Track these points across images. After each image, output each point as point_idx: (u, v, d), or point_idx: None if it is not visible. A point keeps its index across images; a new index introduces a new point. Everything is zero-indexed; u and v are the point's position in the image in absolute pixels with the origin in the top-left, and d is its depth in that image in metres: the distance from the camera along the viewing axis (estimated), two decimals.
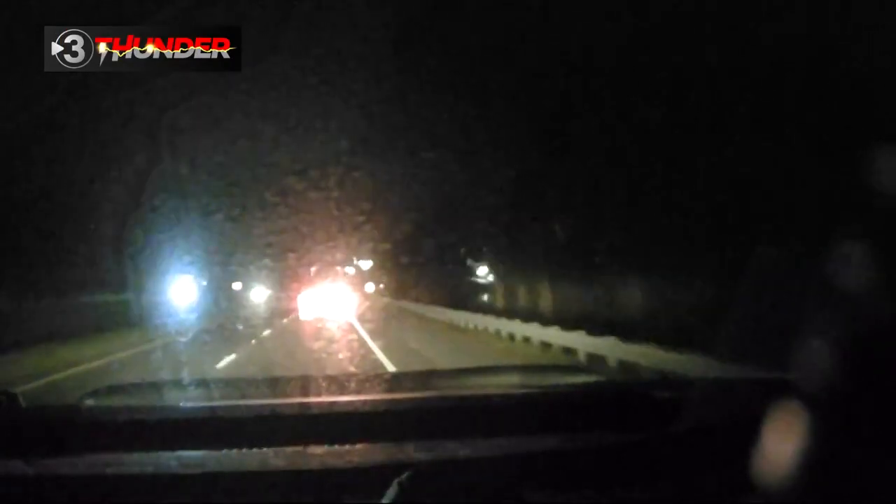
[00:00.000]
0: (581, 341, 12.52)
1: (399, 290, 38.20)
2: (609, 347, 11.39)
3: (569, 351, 13.04)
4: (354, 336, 17.83)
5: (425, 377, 4.09)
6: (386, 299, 38.71)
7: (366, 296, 38.20)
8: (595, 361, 11.65)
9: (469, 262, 26.55)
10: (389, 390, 2.93)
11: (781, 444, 1.72)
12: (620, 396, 2.28)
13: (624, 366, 10.75)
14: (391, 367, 11.85)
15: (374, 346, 15.10)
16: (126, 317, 19.75)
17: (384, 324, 21.78)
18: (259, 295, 45.20)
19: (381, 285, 42.62)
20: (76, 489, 1.83)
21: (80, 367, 13.42)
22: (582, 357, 12.30)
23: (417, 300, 32.10)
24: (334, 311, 24.32)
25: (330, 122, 14.98)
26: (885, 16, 7.62)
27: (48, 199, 17.30)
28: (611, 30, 11.53)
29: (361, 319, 22.88)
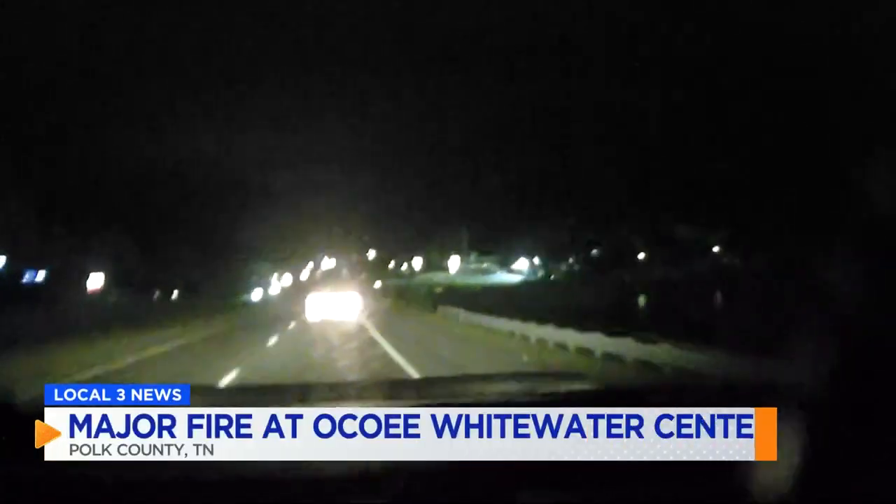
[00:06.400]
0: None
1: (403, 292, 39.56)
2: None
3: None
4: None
5: (425, 385, 4.08)
6: (389, 300, 39.24)
7: (373, 296, 38.23)
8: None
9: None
10: (389, 398, 2.93)
11: (778, 446, 1.73)
12: (617, 402, 2.28)
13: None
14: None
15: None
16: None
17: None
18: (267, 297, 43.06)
19: (383, 286, 43.31)
20: (79, 491, 1.85)
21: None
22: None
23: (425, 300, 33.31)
24: (342, 313, 24.30)
25: (333, 124, 15.08)
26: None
27: None
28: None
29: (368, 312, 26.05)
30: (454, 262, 55.79)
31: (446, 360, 12.97)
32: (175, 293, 34.53)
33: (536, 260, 45.07)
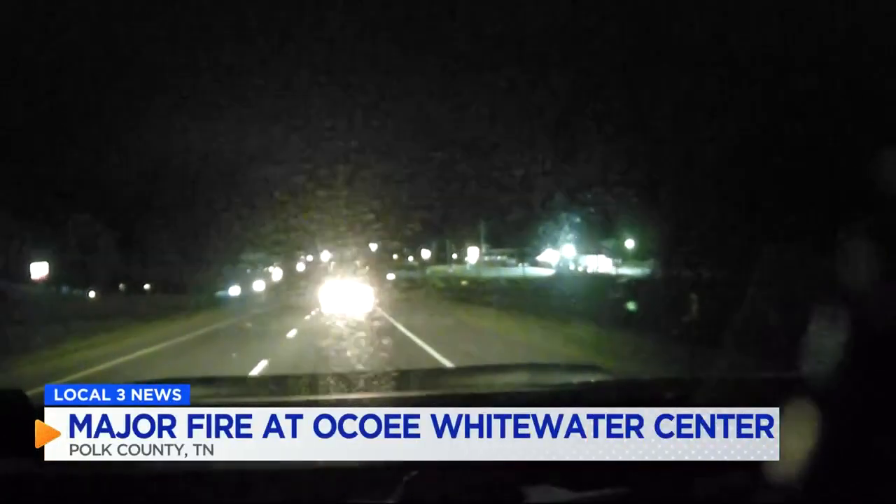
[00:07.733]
0: None
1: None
2: None
3: None
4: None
5: (433, 375, 4.08)
6: (400, 291, 39.68)
7: (384, 285, 38.41)
8: None
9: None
10: (397, 388, 2.94)
11: (790, 442, 1.71)
12: (629, 395, 2.27)
13: None
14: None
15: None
16: None
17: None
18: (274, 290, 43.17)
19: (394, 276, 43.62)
20: (79, 491, 1.87)
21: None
22: None
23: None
24: (357, 303, 24.58)
25: (335, 120, 15.05)
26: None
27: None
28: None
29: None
30: (473, 254, 53.54)
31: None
32: (147, 287, 31.06)
33: (570, 251, 39.45)
